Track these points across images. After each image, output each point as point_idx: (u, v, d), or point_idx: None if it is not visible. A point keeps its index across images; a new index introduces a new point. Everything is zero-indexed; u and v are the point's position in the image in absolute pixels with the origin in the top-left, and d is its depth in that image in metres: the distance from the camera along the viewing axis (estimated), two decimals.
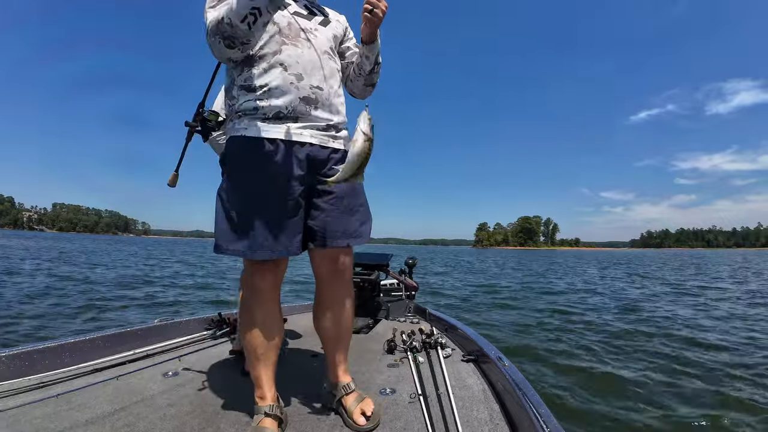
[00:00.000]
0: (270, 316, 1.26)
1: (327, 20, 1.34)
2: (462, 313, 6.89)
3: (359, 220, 1.34)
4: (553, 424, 1.05)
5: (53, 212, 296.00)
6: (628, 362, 3.91)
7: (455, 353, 2.00)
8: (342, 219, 1.29)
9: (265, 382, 1.26)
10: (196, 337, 2.36)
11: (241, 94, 1.21)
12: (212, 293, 8.80)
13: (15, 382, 1.59)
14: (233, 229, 1.17)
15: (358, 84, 1.43)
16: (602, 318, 6.30)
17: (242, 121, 1.21)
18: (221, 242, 1.19)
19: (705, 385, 3.26)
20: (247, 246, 1.16)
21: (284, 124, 1.20)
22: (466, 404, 1.40)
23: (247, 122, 1.20)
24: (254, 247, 1.16)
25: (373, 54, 1.32)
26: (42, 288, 7.94)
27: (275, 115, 1.19)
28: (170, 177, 1.71)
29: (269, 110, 1.19)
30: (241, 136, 1.20)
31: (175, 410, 1.36)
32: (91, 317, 5.59)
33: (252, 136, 1.19)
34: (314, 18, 1.30)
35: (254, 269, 1.23)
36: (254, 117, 1.20)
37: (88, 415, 1.31)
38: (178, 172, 1.74)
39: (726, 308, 7.33)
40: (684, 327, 5.52)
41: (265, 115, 1.19)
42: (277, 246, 1.18)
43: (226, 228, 1.18)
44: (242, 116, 1.21)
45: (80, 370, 1.74)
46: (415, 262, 3.49)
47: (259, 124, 1.19)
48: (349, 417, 1.26)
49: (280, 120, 1.20)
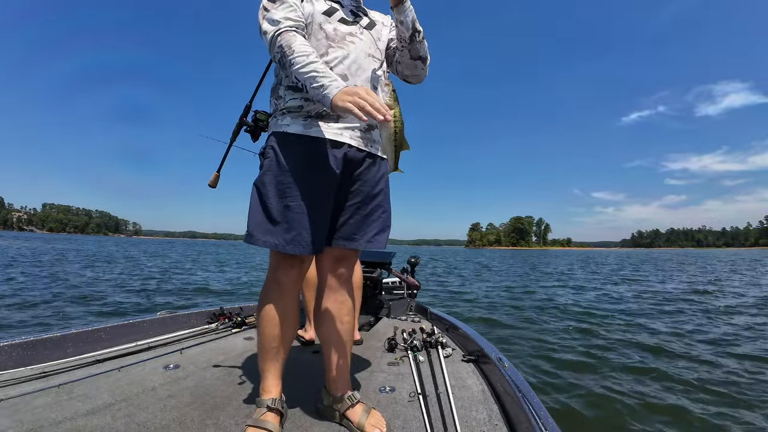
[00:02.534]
0: (288, 311, 1.26)
1: (372, 23, 1.35)
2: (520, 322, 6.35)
3: (378, 227, 1.34)
4: (551, 426, 1.04)
5: (43, 212, 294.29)
6: (636, 365, 3.90)
7: (455, 353, 1.99)
8: (362, 223, 1.31)
9: (272, 376, 1.26)
10: (198, 331, 2.38)
11: (287, 94, 1.25)
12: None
13: (17, 371, 1.60)
14: (267, 221, 1.19)
15: (404, 59, 1.37)
16: (611, 321, 6.28)
17: (285, 117, 1.24)
18: (255, 233, 1.20)
19: (713, 386, 3.23)
20: (279, 239, 1.18)
21: (326, 123, 1.22)
22: (465, 404, 1.39)
23: (290, 119, 1.23)
24: (285, 241, 1.18)
25: (405, 17, 1.26)
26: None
27: (318, 114, 1.22)
28: (211, 177, 1.73)
29: (313, 109, 1.22)
30: (282, 132, 1.23)
31: (175, 402, 1.37)
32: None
33: (293, 132, 1.22)
34: (359, 22, 1.32)
35: (280, 263, 1.24)
36: (298, 115, 1.23)
37: (89, 406, 1.32)
38: (220, 173, 1.75)
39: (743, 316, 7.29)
40: (704, 332, 5.48)
41: (308, 114, 1.22)
42: (308, 242, 1.19)
43: (260, 219, 1.20)
44: (286, 113, 1.25)
45: (82, 360, 1.75)
46: (417, 261, 3.48)
47: (302, 121, 1.22)
48: (360, 431, 1.21)
49: (323, 119, 1.22)
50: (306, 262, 1.28)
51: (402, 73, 1.43)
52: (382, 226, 1.36)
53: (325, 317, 1.34)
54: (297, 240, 1.18)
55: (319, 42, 1.23)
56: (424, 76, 1.43)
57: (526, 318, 6.42)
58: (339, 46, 1.23)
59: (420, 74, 1.42)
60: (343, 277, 1.36)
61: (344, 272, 1.35)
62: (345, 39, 1.25)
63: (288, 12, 1.17)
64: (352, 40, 1.26)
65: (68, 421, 1.21)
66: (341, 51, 1.23)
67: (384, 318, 2.97)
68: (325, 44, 1.22)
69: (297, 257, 1.23)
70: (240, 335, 2.35)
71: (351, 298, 1.38)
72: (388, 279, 3.42)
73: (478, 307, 7.64)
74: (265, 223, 1.20)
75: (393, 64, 1.43)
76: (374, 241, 1.33)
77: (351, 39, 1.26)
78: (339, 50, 1.23)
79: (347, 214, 1.29)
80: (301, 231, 1.18)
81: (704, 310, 7.25)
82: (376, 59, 1.32)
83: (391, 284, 3.42)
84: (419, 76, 1.43)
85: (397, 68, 1.43)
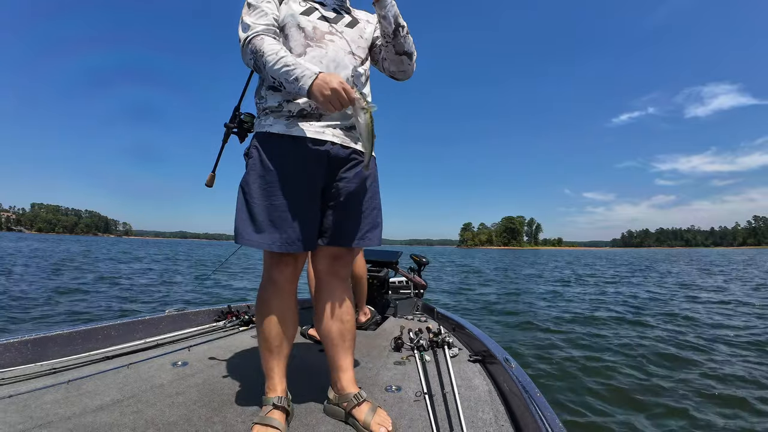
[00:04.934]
0: (286, 309, 1.27)
1: (355, 21, 1.35)
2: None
3: (369, 224, 1.34)
4: (558, 428, 1.03)
5: (32, 212, 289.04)
6: (645, 368, 3.85)
7: (462, 353, 1.98)
8: (352, 220, 1.31)
9: (276, 374, 1.26)
10: (206, 328, 2.40)
11: (268, 94, 1.26)
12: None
13: (27, 367, 1.63)
14: (253, 221, 1.21)
15: (389, 55, 1.35)
16: (623, 324, 6.21)
17: (268, 118, 1.26)
18: (242, 233, 1.22)
19: (729, 390, 3.18)
20: (266, 238, 1.19)
21: (308, 122, 1.23)
22: (471, 404, 1.38)
23: (272, 119, 1.25)
24: (273, 240, 1.18)
25: (386, 11, 1.23)
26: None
27: (299, 113, 1.23)
28: (208, 177, 1.76)
29: (294, 108, 1.23)
30: (265, 132, 1.25)
31: (183, 399, 1.38)
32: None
33: (276, 132, 1.23)
34: (341, 20, 1.32)
35: (273, 262, 1.25)
36: (279, 114, 1.24)
37: (98, 402, 1.33)
38: (215, 173, 1.78)
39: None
40: (715, 332, 5.40)
41: (290, 113, 1.23)
42: (295, 240, 1.20)
43: (246, 220, 1.22)
44: (268, 114, 1.26)
45: (91, 357, 1.78)
46: (424, 261, 3.46)
47: (284, 121, 1.23)
48: (366, 429, 1.20)
49: (304, 118, 1.23)
50: (300, 260, 1.29)
51: (388, 69, 1.41)
52: (374, 223, 1.36)
53: (325, 316, 1.34)
54: (284, 238, 1.19)
55: (297, 42, 1.23)
56: (411, 71, 1.42)
57: (532, 320, 6.38)
58: (317, 45, 1.24)
59: (406, 69, 1.40)
60: (340, 275, 1.36)
61: (340, 270, 1.36)
62: (324, 38, 1.25)
63: (258, 17, 1.19)
64: (331, 38, 1.26)
65: (77, 417, 1.22)
66: (320, 50, 1.23)
67: (390, 317, 2.97)
68: (303, 43, 1.23)
69: (290, 255, 1.24)
70: (247, 333, 2.36)
71: (349, 296, 1.38)
72: (395, 278, 3.42)
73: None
74: (251, 222, 1.21)
75: (379, 61, 1.42)
76: (367, 239, 1.33)
77: (330, 38, 1.26)
78: (318, 49, 1.24)
79: (336, 212, 1.29)
80: (287, 229, 1.19)
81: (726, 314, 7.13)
82: (358, 57, 1.32)
83: (397, 283, 3.41)
84: (406, 72, 1.41)
85: (383, 65, 1.42)
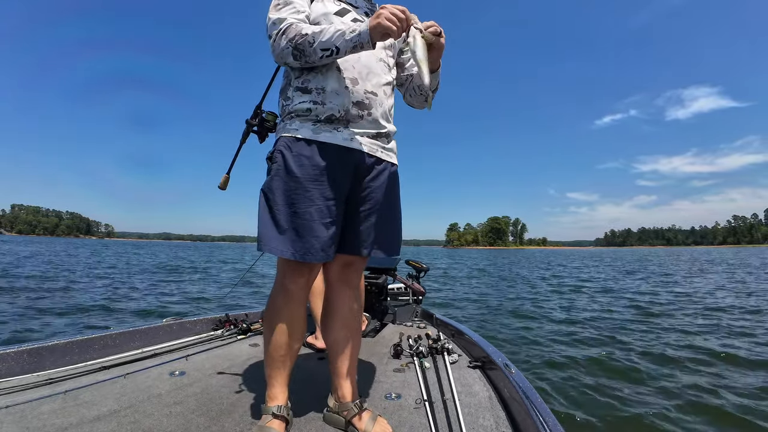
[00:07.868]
0: (295, 319, 1.24)
1: None
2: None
3: (389, 234, 1.34)
4: None
5: (12, 214, 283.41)
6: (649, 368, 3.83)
7: (462, 359, 1.98)
8: (373, 230, 1.29)
9: (278, 383, 1.24)
10: (204, 337, 2.38)
11: (296, 95, 1.23)
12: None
13: (23, 377, 1.61)
14: (275, 228, 1.17)
15: (418, 100, 1.43)
16: (623, 325, 6.19)
17: (294, 121, 1.22)
18: (263, 240, 1.18)
19: (733, 394, 3.17)
20: (288, 247, 1.15)
21: (336, 128, 1.20)
22: (471, 411, 1.38)
23: (299, 123, 1.21)
24: (296, 248, 1.15)
25: (436, 81, 1.30)
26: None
27: (327, 119, 1.20)
28: (221, 180, 1.69)
29: (322, 112, 1.19)
30: (291, 137, 1.21)
31: (181, 408, 1.36)
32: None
33: (302, 137, 1.19)
34: None
35: (288, 270, 1.22)
36: (306, 118, 1.21)
37: (95, 412, 1.32)
38: (230, 175, 1.71)
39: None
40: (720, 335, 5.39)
41: (317, 117, 1.20)
42: (318, 250, 1.16)
43: (269, 226, 1.18)
44: (294, 117, 1.22)
45: (88, 367, 1.76)
46: (424, 267, 3.46)
47: (311, 126, 1.20)
48: None
49: (332, 123, 1.20)
50: (314, 270, 1.26)
51: (409, 102, 1.45)
52: (394, 233, 1.35)
53: (333, 324, 1.33)
54: (307, 248, 1.15)
55: None
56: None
57: (530, 324, 6.36)
58: None
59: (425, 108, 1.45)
60: (352, 283, 1.35)
61: (352, 278, 1.34)
62: None
63: (290, 12, 1.18)
64: None
65: (74, 427, 1.21)
66: (352, 54, 1.19)
67: (389, 324, 2.95)
68: None
69: (306, 265, 1.20)
70: (245, 342, 2.35)
71: (359, 304, 1.37)
72: (393, 285, 3.41)
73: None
74: (273, 230, 1.17)
75: (403, 88, 1.44)
76: (385, 248, 1.32)
77: None
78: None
79: (357, 221, 1.27)
80: (311, 239, 1.15)
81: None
82: (387, 65, 1.31)
83: (396, 290, 3.40)
84: (423, 108, 1.45)
85: (406, 95, 1.45)
